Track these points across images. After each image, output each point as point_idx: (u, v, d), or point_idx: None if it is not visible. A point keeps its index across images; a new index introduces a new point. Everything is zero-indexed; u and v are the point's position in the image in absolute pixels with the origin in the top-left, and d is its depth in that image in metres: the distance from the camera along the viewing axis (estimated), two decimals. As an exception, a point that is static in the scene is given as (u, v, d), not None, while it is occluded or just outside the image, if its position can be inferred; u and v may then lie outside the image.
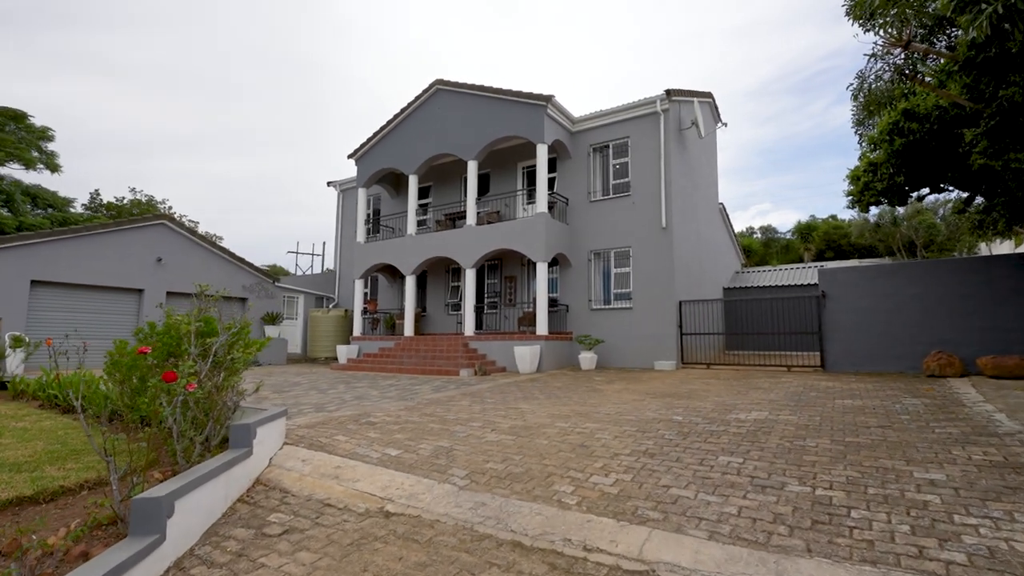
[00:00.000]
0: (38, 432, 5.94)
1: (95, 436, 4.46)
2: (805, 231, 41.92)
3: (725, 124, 14.47)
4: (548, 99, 12.71)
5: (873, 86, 6.64)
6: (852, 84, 6.85)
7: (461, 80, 14.42)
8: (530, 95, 12.90)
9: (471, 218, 13.86)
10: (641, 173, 13.19)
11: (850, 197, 9.78)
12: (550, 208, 13.65)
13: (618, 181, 13.74)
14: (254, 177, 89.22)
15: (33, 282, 11.82)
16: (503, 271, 15.39)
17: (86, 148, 62.40)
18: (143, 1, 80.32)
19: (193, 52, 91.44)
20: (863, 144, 9.02)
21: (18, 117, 20.48)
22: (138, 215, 23.57)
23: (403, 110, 15.48)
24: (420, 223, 17.18)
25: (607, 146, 13.95)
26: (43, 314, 12.00)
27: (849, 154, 77.31)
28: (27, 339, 11.02)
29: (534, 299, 13.05)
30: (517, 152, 15.32)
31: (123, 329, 13.48)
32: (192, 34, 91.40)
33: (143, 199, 28.57)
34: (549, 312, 13.42)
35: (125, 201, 28.16)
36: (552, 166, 14.72)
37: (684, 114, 13.90)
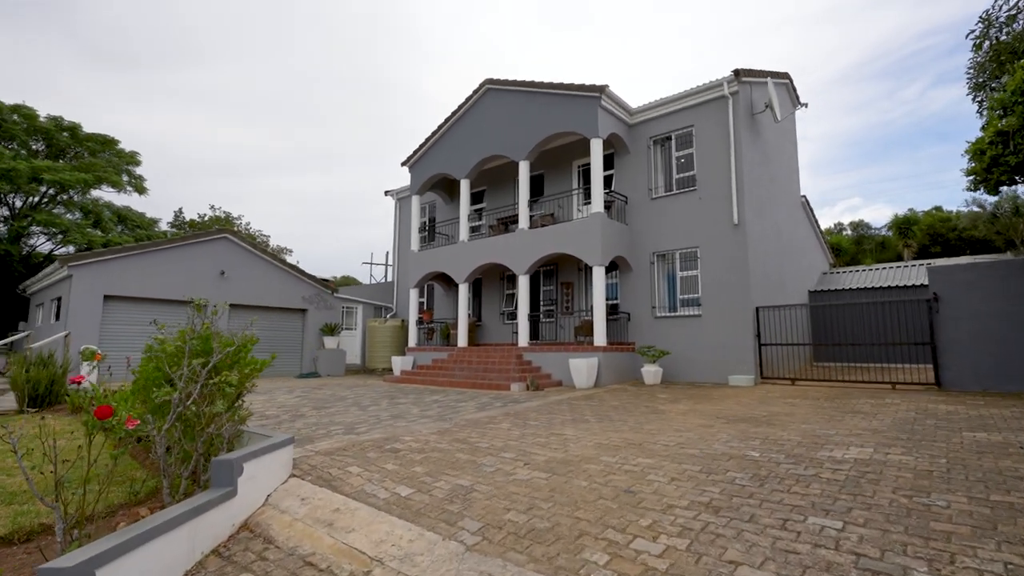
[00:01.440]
0: (68, 453, 5.81)
1: (39, 484, 4.00)
2: (903, 225, 37.63)
3: (805, 105, 12.81)
4: (601, 89, 11.77)
5: (1004, 30, 5.21)
6: (973, 31, 5.44)
7: (511, 78, 13.79)
8: (582, 87, 12.02)
9: (523, 222, 13.14)
10: (708, 165, 11.92)
11: (971, 177, 8.03)
12: (607, 208, 12.67)
13: (682, 175, 12.52)
14: (335, 192, 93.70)
15: (106, 297, 12.43)
16: (559, 277, 14.54)
17: (183, 172, 68.18)
18: (233, 35, 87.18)
19: (280, 79, 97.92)
20: (986, 111, 7.35)
21: (108, 142, 22.34)
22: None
23: (453, 113, 15.09)
24: (474, 229, 16.71)
25: (669, 137, 12.77)
26: (115, 327, 12.57)
27: (952, 139, 69.50)
28: (99, 352, 11.52)
29: (592, 307, 12.08)
30: (572, 150, 14.47)
31: (190, 341, 13.91)
32: (280, 62, 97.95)
33: (221, 215, 30.48)
34: (608, 321, 12.41)
35: (206, 218, 30.18)
36: (609, 163, 13.73)
37: (756, 97, 12.46)
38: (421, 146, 15.98)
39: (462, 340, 14.06)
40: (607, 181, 13.76)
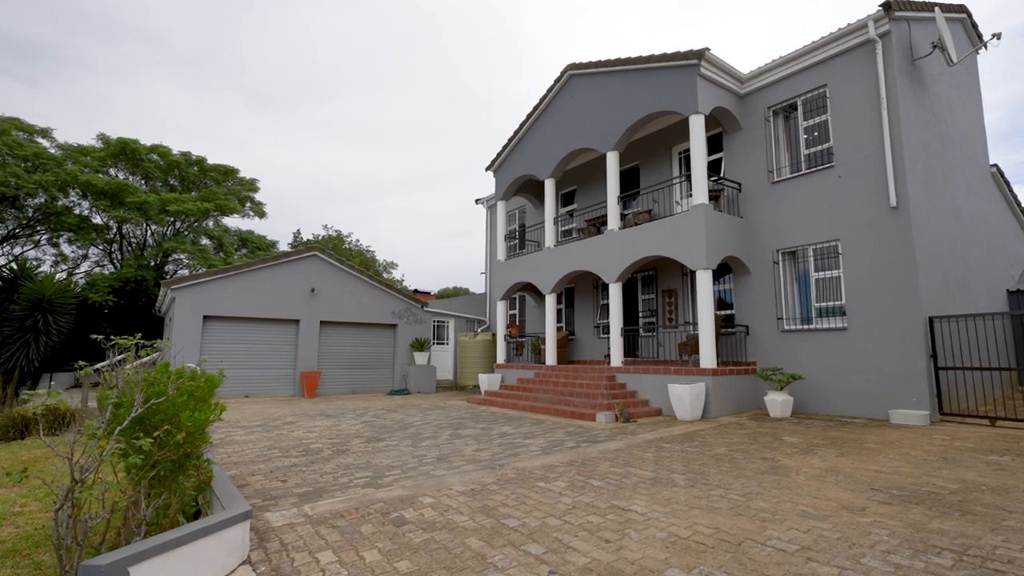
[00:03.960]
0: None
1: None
2: None
3: (997, 37, 9.29)
4: (700, 55, 9.68)
5: None
6: None
7: (596, 59, 12.13)
8: (675, 55, 10.02)
9: (612, 222, 11.39)
10: (849, 132, 9.25)
11: None
12: (714, 198, 10.46)
13: (813, 150, 9.93)
14: (452, 206, 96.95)
15: (205, 317, 12.97)
16: (659, 284, 12.48)
17: (312, 196, 75.19)
18: (358, 69, 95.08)
19: (401, 105, 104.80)
20: None
21: (229, 172, 24.67)
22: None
23: (535, 107, 13.79)
24: (566, 233, 15.25)
25: (793, 105, 10.23)
26: (214, 346, 13.08)
27: None
28: (199, 370, 11.90)
29: (697, 320, 9.96)
30: (670, 134, 12.41)
31: (284, 358, 14.16)
32: (398, 89, 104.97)
33: (333, 234, 32.43)
34: (721, 335, 10.21)
35: (320, 238, 32.31)
36: (716, 145, 11.48)
37: (917, 37, 9.48)
38: (504, 148, 14.91)
39: (550, 358, 12.62)
40: (714, 167, 11.52)
